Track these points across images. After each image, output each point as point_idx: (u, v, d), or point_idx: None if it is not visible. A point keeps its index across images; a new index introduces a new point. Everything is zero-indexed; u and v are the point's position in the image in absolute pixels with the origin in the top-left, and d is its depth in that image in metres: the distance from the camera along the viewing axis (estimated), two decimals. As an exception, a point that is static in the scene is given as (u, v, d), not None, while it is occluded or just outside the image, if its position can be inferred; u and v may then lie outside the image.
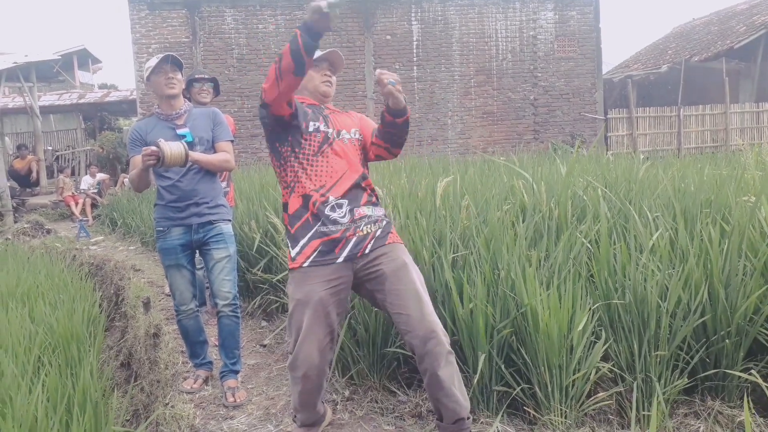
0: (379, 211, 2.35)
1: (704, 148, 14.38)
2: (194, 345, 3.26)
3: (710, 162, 6.02)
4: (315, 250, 2.23)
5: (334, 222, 2.23)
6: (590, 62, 14.43)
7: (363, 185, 2.33)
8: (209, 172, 3.11)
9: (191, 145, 3.03)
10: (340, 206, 2.25)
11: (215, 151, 3.12)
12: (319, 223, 2.23)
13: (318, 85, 2.41)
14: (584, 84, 14.44)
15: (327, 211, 2.23)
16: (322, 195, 2.25)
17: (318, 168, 2.28)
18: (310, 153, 2.29)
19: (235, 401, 2.94)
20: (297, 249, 2.26)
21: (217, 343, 3.27)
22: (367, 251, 2.25)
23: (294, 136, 2.30)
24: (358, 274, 2.27)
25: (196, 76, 4.12)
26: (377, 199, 2.39)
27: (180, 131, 3.05)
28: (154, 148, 2.73)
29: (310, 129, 2.30)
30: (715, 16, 20.02)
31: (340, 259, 2.22)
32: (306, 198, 2.26)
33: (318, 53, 2.38)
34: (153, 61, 3.04)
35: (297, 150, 2.29)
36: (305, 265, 2.23)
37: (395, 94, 2.15)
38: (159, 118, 3.11)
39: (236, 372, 3.12)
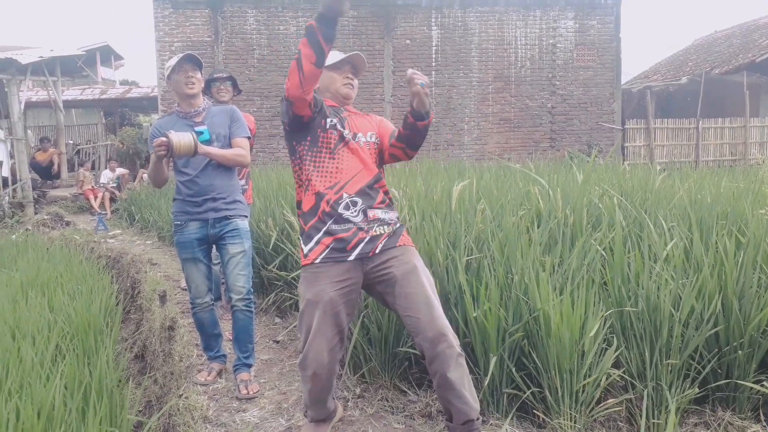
0: (392, 215, 2.38)
1: (722, 162, 14.26)
2: (209, 338, 3.32)
3: (728, 175, 5.99)
4: (327, 247, 2.27)
5: (347, 220, 2.26)
6: (609, 72, 14.37)
7: (377, 186, 2.36)
8: (227, 168, 3.17)
9: (208, 143, 3.09)
10: (354, 204, 2.28)
11: (231, 143, 3.17)
12: (331, 221, 2.27)
13: (339, 87, 2.44)
14: (602, 93, 14.38)
15: (340, 209, 2.27)
16: (336, 192, 2.28)
17: (332, 166, 2.31)
18: (326, 151, 2.33)
19: (248, 393, 2.99)
20: (310, 245, 2.30)
21: (231, 338, 3.33)
22: (378, 251, 2.28)
23: (312, 135, 2.34)
24: (368, 276, 2.30)
25: (215, 76, 4.20)
26: (391, 202, 2.41)
27: (198, 128, 3.11)
28: (163, 138, 2.82)
29: (328, 126, 2.34)
30: (738, 29, 19.84)
31: (352, 257, 2.25)
32: (319, 196, 2.30)
33: (341, 56, 2.42)
34: (173, 60, 3.12)
35: (314, 149, 2.34)
36: (317, 261, 2.27)
37: (422, 96, 2.16)
38: (179, 116, 3.18)
39: (249, 366, 3.17)
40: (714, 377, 2.51)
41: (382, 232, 2.30)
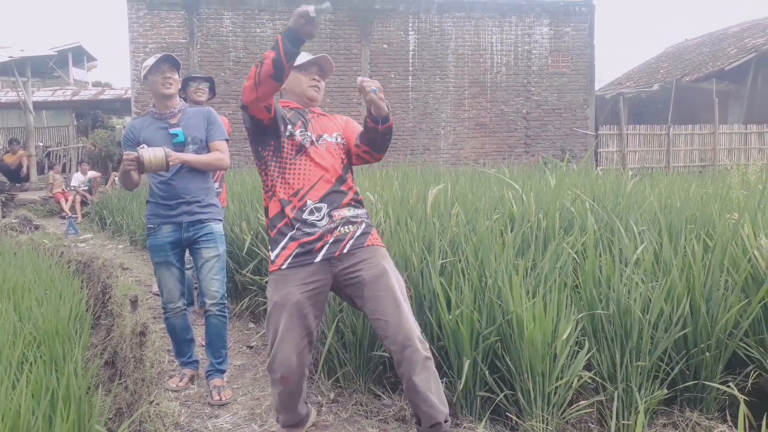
0: (359, 212, 2.36)
1: (692, 167, 14.56)
2: (181, 343, 3.27)
3: (697, 180, 6.11)
4: (293, 252, 2.25)
5: (312, 225, 2.25)
6: (583, 78, 14.59)
7: (342, 189, 2.33)
8: (202, 171, 3.13)
9: (183, 145, 3.05)
10: (318, 210, 2.26)
11: (209, 151, 3.13)
12: (296, 227, 2.26)
13: (305, 89, 2.42)
14: (576, 99, 14.58)
15: (305, 215, 2.25)
16: (300, 199, 2.27)
17: (296, 172, 2.30)
18: (289, 157, 2.30)
19: (220, 400, 2.95)
20: (276, 251, 2.29)
21: (204, 343, 3.28)
22: (345, 251, 2.26)
23: (275, 141, 2.32)
24: (337, 278, 2.29)
25: (193, 75, 4.17)
26: (358, 202, 2.39)
27: (172, 130, 3.07)
28: (134, 153, 2.78)
29: (287, 133, 2.32)
30: (708, 37, 20.32)
31: (318, 259, 2.24)
32: (284, 203, 2.28)
33: (308, 57, 2.40)
34: (151, 60, 3.08)
35: (278, 155, 2.32)
36: (284, 267, 2.25)
37: (377, 102, 2.17)
38: (153, 117, 3.13)
39: (222, 371, 3.14)
40: (682, 378, 2.56)
41: (348, 231, 2.28)
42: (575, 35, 14.48)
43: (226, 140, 3.21)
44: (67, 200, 11.78)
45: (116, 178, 11.98)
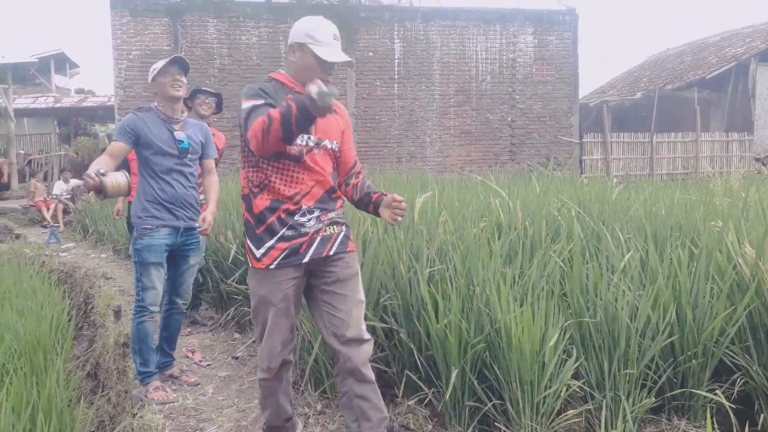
0: (341, 214, 2.42)
1: (675, 175, 14.72)
2: (149, 351, 3.18)
3: (680, 188, 6.17)
4: (282, 252, 2.25)
5: (302, 226, 2.26)
6: (567, 86, 14.71)
7: (335, 196, 2.38)
8: (195, 179, 3.24)
9: (186, 152, 3.13)
10: (311, 212, 2.28)
11: (201, 162, 3.30)
12: (286, 227, 2.25)
13: (318, 79, 2.38)
14: (560, 107, 14.70)
15: (297, 217, 2.26)
16: (296, 203, 2.26)
17: (293, 178, 2.26)
18: (288, 162, 2.25)
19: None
20: (262, 250, 2.27)
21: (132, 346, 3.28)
22: (331, 253, 2.32)
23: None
24: (311, 270, 2.34)
25: (202, 88, 4.19)
26: (343, 203, 2.46)
27: (178, 137, 3.13)
28: (97, 180, 2.60)
29: (298, 140, 2.24)
30: (688, 47, 20.62)
31: (306, 259, 2.27)
32: (277, 202, 2.25)
33: (345, 58, 2.32)
34: (160, 63, 3.14)
35: (276, 159, 2.25)
36: (272, 267, 2.25)
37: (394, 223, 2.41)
38: (159, 116, 3.13)
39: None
40: (670, 386, 2.56)
41: (333, 231, 2.34)
42: (559, 44, 14.62)
43: (216, 158, 3.45)
44: (48, 209, 11.63)
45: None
